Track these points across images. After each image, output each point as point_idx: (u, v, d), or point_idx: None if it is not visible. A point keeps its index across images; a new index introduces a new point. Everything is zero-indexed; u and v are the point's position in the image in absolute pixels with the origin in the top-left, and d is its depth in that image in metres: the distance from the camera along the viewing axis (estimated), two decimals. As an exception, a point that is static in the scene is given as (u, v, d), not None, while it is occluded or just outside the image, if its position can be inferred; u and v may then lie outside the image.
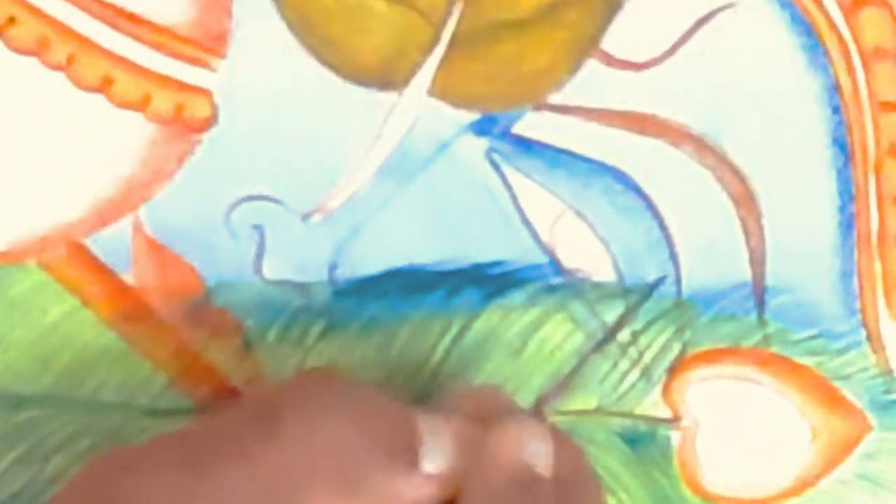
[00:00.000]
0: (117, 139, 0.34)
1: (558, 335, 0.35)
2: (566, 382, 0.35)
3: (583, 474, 0.32)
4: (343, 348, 0.35)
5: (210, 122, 0.34)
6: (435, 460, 0.30)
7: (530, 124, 0.35)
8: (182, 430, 0.30)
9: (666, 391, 0.36)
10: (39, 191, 0.34)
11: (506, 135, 0.35)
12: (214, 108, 0.34)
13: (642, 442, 0.36)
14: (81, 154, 0.34)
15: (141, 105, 0.34)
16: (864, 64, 0.34)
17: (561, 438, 0.32)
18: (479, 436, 0.31)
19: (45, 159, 0.34)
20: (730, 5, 0.34)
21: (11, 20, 0.33)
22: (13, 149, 0.34)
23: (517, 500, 0.30)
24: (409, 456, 0.30)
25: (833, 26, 0.34)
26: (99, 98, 0.34)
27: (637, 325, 0.35)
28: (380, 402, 0.31)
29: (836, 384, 0.36)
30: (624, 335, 0.35)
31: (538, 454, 0.31)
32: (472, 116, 0.34)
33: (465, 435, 0.31)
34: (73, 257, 0.35)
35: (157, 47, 0.34)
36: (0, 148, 0.34)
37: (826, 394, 0.36)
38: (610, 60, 0.34)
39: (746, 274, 0.35)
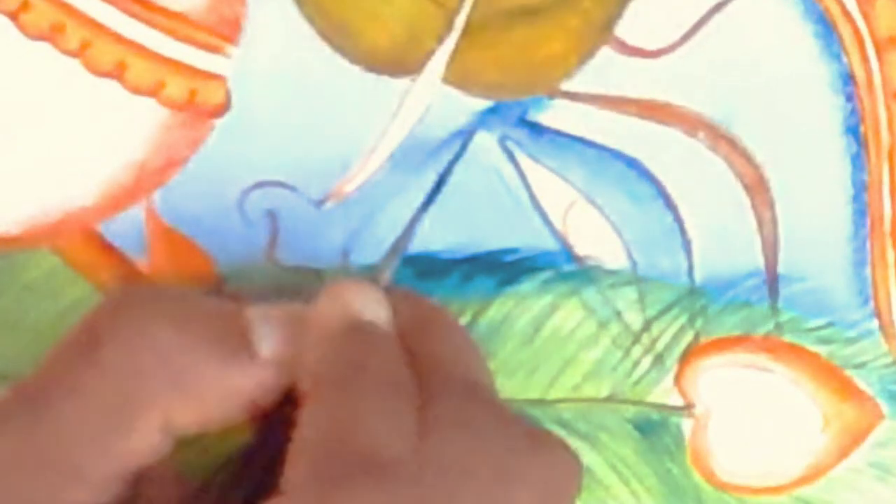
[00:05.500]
0: (131, 125, 0.34)
1: (571, 322, 0.35)
2: (399, 246, 0.33)
3: (437, 321, 0.31)
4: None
5: (223, 107, 0.34)
6: (268, 344, 0.29)
7: (543, 112, 0.35)
8: (20, 382, 0.29)
9: (678, 379, 0.36)
10: (53, 176, 0.34)
11: (519, 122, 0.35)
12: (228, 93, 0.34)
13: (654, 430, 0.36)
14: (95, 139, 0.34)
15: (154, 91, 0.34)
16: (878, 52, 0.34)
17: (407, 294, 0.31)
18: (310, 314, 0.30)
19: (59, 145, 0.34)
20: (743, -7, 0.34)
21: (25, 5, 0.33)
22: (27, 134, 0.34)
23: (348, 350, 0.29)
24: (241, 346, 0.29)
25: (847, 14, 0.34)
26: (112, 84, 0.34)
27: (650, 312, 0.35)
28: (200, 302, 0.30)
29: (849, 373, 0.36)
30: (636, 322, 0.36)
31: (367, 306, 0.30)
32: (486, 103, 0.34)
33: (296, 316, 0.30)
34: (86, 242, 0.35)
35: (171, 33, 0.34)
36: (14, 134, 0.34)
37: (838, 382, 0.36)
38: (623, 48, 0.34)
39: (759, 262, 0.35)
